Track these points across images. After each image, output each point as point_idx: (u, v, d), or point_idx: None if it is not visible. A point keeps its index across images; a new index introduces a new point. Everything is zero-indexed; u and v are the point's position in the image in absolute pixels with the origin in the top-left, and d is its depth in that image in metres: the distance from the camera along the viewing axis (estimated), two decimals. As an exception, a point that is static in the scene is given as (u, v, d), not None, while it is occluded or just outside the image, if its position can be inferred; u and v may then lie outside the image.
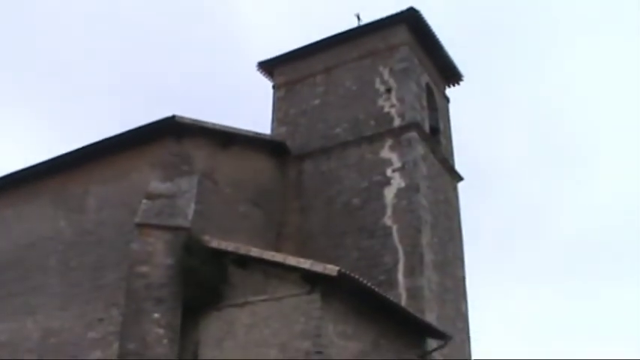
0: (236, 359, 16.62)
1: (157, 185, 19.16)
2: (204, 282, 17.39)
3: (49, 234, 22.14)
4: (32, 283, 21.73)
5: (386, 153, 22.99)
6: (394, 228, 21.51)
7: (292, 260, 16.56)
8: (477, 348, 25.17)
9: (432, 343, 20.18)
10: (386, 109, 23.84)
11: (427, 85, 25.77)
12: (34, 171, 22.83)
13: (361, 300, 17.20)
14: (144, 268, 17.69)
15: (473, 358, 24.28)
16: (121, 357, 17.13)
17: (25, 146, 58.19)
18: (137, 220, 18.36)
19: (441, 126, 26.27)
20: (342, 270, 15.69)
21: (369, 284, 16.94)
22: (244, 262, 17.37)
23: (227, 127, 21.28)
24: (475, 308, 25.17)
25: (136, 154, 20.59)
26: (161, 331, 17.21)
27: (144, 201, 18.79)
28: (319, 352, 15.65)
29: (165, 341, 17.14)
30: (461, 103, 29.70)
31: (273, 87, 27.27)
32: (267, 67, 27.54)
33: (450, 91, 28.17)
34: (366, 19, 26.12)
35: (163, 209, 18.58)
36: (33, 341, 20.91)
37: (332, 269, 15.61)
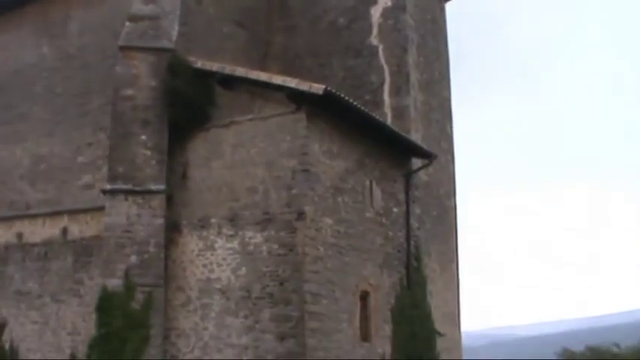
0: (224, 178, 16.94)
1: (139, 7, 18.69)
2: (189, 103, 17.39)
3: (32, 61, 21.96)
4: (19, 111, 21.81)
5: (372, -29, 22.32)
6: (380, 47, 21.26)
7: (278, 79, 16.48)
8: (460, 168, 25.63)
9: (416, 163, 20.49)
10: None
11: None
12: (13, -1, 22.31)
13: (347, 119, 17.30)
14: (129, 91, 17.65)
15: (457, 177, 24.80)
16: (110, 180, 17.42)
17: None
18: (120, 42, 18.11)
19: (429, -58, 25.37)
20: (328, 89, 15.67)
21: (354, 103, 16.98)
22: (230, 82, 17.30)
23: (208, -55, 20.56)
24: (460, 129, 25.38)
25: (116, -25, 20.02)
26: (149, 152, 17.40)
27: (127, 24, 18.43)
28: (305, 171, 15.93)
29: (153, 162, 17.37)
30: None
31: None
32: None
33: None
34: None
35: (147, 31, 18.27)
36: (24, 168, 21.25)
37: (318, 88, 15.58)
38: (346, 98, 16.53)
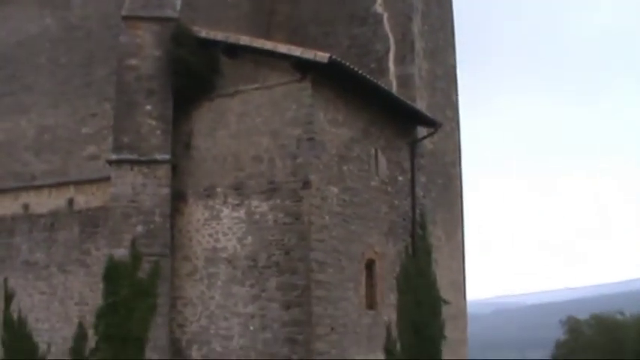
0: (229, 147, 16.94)
1: (142, -24, 18.58)
2: (194, 72, 17.33)
3: (36, 32, 21.82)
4: (23, 83, 21.71)
5: None
6: (385, 16, 21.16)
7: (283, 48, 16.44)
8: (466, 136, 25.56)
9: (421, 131, 20.47)
10: None
11: None
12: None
13: (352, 88, 17.26)
14: (133, 61, 17.60)
15: (462, 146, 24.77)
16: (115, 150, 17.43)
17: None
18: (124, 12, 18.00)
19: None
20: (333, 57, 15.62)
21: (359, 71, 16.92)
22: (234, 51, 17.24)
23: None
24: (466, 98, 25.29)
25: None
26: (154, 122, 17.40)
27: (130, -8, 18.33)
28: (310, 139, 15.93)
29: (158, 132, 17.38)
30: None
31: None
32: None
33: None
34: None
35: (150, 0, 18.14)
36: (29, 139, 21.22)
37: (323, 56, 15.53)
38: (351, 66, 16.50)
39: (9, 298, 20.32)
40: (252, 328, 16.05)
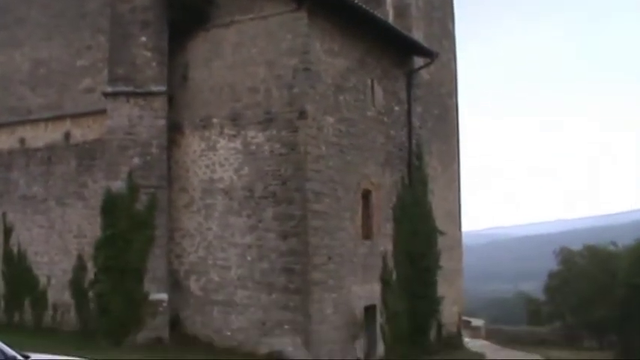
0: (225, 78, 16.87)
1: None
2: (189, 3, 17.15)
3: (27, -37, 21.50)
4: (16, 15, 21.47)
5: None
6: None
7: (278, -23, 16.22)
8: (462, 67, 25.38)
9: (418, 61, 20.37)
10: None
11: None
12: None
13: (348, 17, 17.11)
14: (127, -8, 17.36)
15: (459, 76, 24.66)
16: (111, 83, 17.34)
17: None
18: (118, -58, 17.70)
19: None
20: (329, -14, 15.47)
21: (355, 1, 16.75)
22: (229, -19, 17.02)
23: None
24: (461, 29, 25.08)
25: None
26: (149, 54, 17.27)
27: None
28: (306, 69, 15.87)
29: (154, 64, 17.26)
30: None
31: None
32: None
33: None
34: None
35: None
36: (23, 73, 21.09)
37: (318, -14, 15.39)
38: (347, -5, 16.32)
39: (8, 232, 20.52)
40: (249, 258, 16.23)
